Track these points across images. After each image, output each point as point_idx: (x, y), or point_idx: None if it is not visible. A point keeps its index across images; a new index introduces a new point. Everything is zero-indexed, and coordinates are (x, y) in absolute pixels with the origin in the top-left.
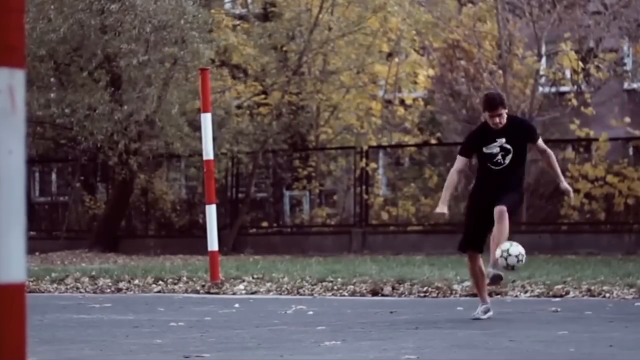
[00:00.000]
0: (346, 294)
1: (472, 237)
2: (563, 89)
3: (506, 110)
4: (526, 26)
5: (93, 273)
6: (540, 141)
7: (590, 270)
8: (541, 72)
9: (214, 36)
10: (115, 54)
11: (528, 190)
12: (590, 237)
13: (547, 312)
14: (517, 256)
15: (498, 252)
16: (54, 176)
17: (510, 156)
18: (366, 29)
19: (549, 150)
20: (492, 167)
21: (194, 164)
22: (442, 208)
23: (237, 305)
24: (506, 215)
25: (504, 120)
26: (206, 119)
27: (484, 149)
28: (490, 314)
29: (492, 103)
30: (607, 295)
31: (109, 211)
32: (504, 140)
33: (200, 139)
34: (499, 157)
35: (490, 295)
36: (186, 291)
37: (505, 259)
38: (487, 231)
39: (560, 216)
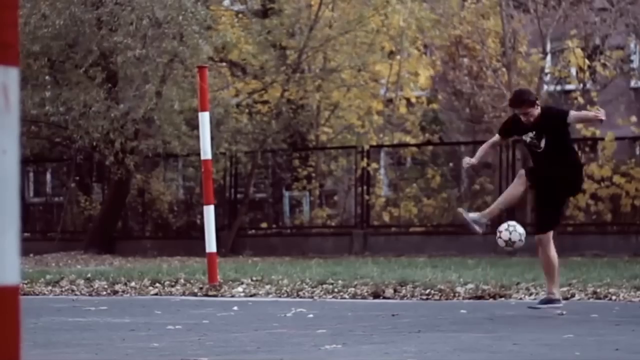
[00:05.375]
0: (347, 297)
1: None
2: (569, 87)
3: (533, 108)
4: (531, 23)
5: (89, 275)
6: (571, 115)
7: (596, 272)
8: (546, 70)
9: (212, 33)
10: (112, 50)
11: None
12: (597, 238)
13: (552, 315)
14: (520, 234)
15: (504, 226)
16: (48, 176)
17: (544, 140)
18: (367, 26)
19: (584, 113)
20: (534, 149)
21: (192, 164)
22: (471, 160)
23: (235, 308)
24: (543, 243)
25: (532, 118)
26: (204, 118)
27: (523, 137)
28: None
29: (515, 100)
30: (614, 297)
31: (105, 212)
32: (533, 133)
33: (198, 138)
34: (535, 141)
35: (494, 297)
36: (184, 294)
37: (510, 233)
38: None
39: (565, 217)
